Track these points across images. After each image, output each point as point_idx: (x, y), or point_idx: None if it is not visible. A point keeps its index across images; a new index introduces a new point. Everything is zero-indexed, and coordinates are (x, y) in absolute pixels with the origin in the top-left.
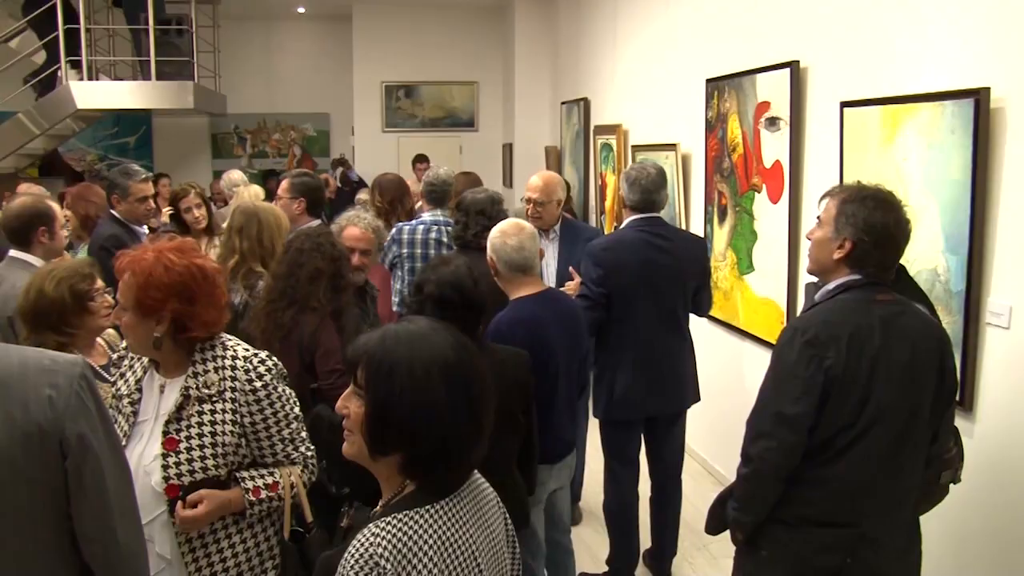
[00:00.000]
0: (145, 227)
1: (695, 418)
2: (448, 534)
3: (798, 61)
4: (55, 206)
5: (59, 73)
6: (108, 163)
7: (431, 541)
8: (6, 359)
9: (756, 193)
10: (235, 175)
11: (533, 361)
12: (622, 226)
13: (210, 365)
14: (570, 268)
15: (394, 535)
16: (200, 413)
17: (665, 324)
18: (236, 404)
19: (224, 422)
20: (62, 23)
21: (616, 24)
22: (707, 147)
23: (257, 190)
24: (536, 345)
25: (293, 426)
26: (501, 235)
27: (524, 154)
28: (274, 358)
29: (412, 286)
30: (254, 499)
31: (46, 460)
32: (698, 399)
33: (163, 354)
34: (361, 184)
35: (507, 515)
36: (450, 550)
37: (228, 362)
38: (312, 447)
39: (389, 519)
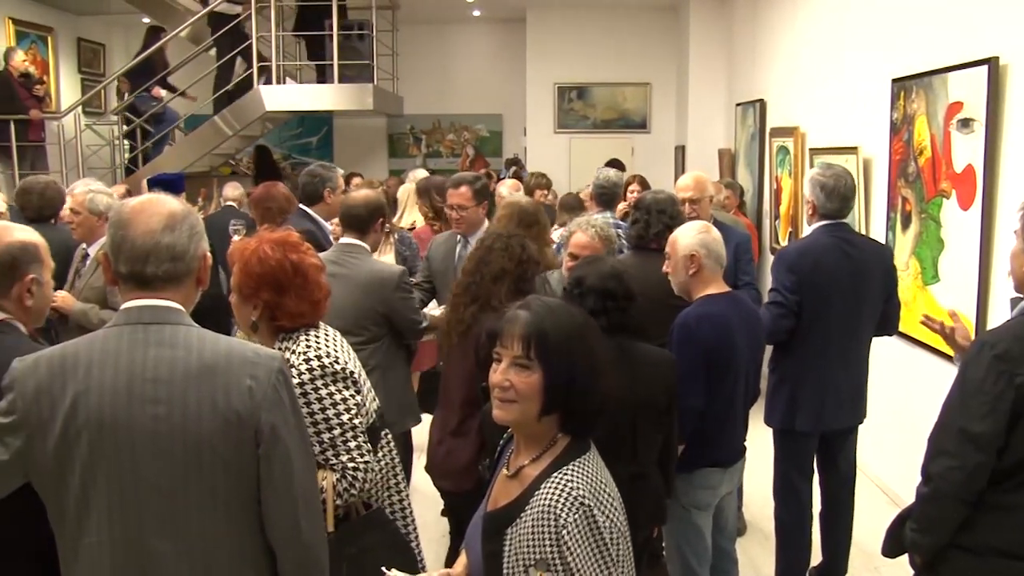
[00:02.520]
0: (331, 224)
1: (870, 434)
2: (606, 474)
3: (997, 58)
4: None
5: (251, 78)
6: (292, 162)
7: (603, 478)
8: (215, 347)
9: (944, 199)
10: (417, 172)
11: (716, 359)
12: (810, 232)
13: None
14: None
15: (584, 479)
16: None
17: (852, 334)
18: None
19: None
20: (255, 31)
21: (795, 22)
22: (891, 150)
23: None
24: (721, 343)
25: (335, 432)
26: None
27: (697, 156)
28: (335, 361)
29: (570, 281)
30: None
31: (241, 446)
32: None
33: (261, 338)
34: None
35: None
36: (611, 485)
37: (287, 355)
38: (359, 460)
39: (571, 468)
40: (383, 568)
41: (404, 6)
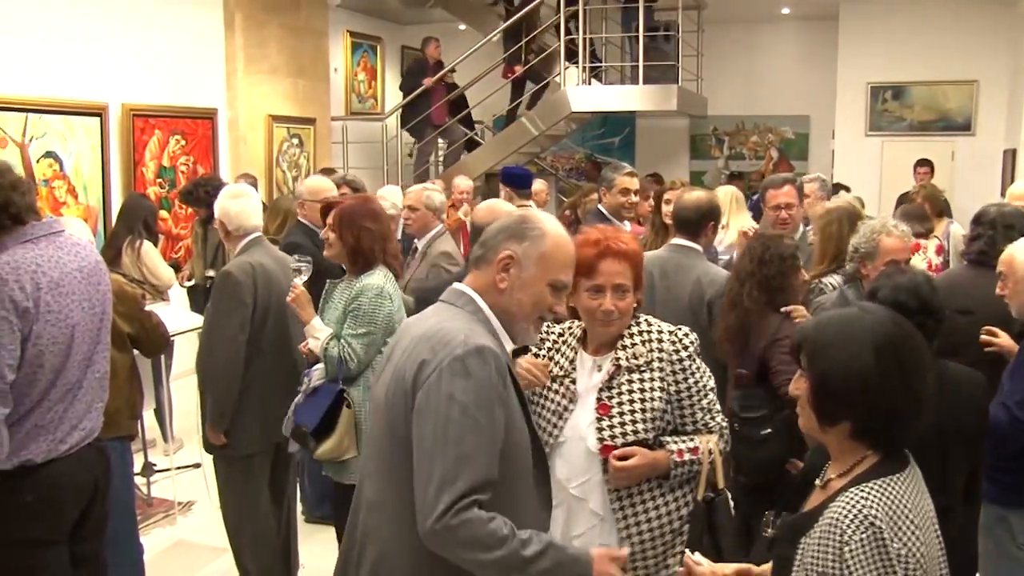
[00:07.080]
0: (627, 222)
1: None
2: (916, 500)
3: None
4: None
5: (557, 79)
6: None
7: (909, 504)
8: (427, 324)
9: None
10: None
11: None
12: None
13: (637, 339)
14: None
15: (881, 498)
16: (630, 382)
17: None
18: (663, 373)
19: (653, 389)
20: (563, 34)
21: None
22: None
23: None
24: None
25: (710, 397)
26: None
27: None
28: (693, 333)
29: (866, 293)
30: (679, 460)
31: (407, 419)
32: None
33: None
34: None
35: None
36: (920, 514)
37: (655, 335)
38: (724, 421)
39: (871, 485)
40: (686, 550)
41: (711, 6)
